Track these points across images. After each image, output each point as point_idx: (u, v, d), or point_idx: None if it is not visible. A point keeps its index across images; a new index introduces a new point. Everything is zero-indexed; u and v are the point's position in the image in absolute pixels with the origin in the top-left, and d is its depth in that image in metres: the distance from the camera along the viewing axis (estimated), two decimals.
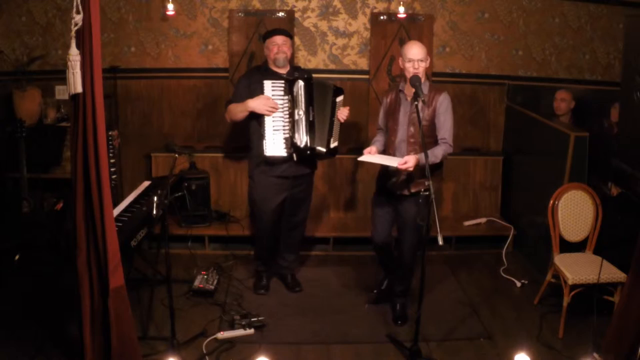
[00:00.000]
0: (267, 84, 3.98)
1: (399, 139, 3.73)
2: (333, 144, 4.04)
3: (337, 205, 5.37)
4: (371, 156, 3.74)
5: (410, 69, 3.62)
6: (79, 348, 3.14)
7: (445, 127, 3.68)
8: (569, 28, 5.43)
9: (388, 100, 3.86)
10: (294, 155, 4.00)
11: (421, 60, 3.61)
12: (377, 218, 3.94)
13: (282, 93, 3.98)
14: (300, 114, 3.96)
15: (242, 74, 4.37)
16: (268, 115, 3.95)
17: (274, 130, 3.99)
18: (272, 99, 3.95)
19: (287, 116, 3.99)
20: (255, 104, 3.95)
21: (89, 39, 2.81)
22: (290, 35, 4.19)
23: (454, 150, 5.38)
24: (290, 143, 3.98)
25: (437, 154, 3.63)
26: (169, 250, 3.44)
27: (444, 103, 3.68)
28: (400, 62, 3.70)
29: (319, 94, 3.97)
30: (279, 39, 4.04)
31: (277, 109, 3.95)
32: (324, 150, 3.98)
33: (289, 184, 4.11)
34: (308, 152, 3.98)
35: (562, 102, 5.05)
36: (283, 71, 4.09)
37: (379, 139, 3.93)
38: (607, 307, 3.73)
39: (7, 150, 4.68)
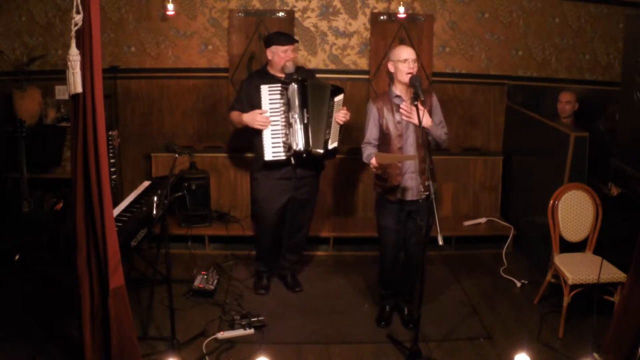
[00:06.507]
0: (264, 89, 3.98)
1: (410, 143, 3.63)
2: (332, 145, 4.02)
3: (337, 206, 5.36)
4: (384, 155, 3.62)
5: (405, 70, 3.55)
6: (79, 348, 3.14)
7: (443, 122, 3.77)
8: (569, 28, 5.43)
9: (377, 108, 3.68)
10: (292, 159, 4.00)
11: (414, 61, 3.57)
12: (391, 233, 3.80)
13: (278, 97, 3.98)
14: (295, 117, 3.96)
15: (244, 79, 4.36)
16: (261, 130, 3.97)
17: (272, 134, 3.99)
18: (265, 115, 3.95)
19: (284, 120, 3.99)
20: (248, 119, 4.00)
21: (89, 39, 2.80)
22: (297, 41, 4.19)
23: (453, 150, 5.46)
24: (288, 147, 3.99)
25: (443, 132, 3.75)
26: (169, 250, 3.44)
27: (437, 104, 3.73)
28: (391, 66, 3.62)
29: (315, 95, 3.96)
30: (290, 47, 4.02)
31: (268, 123, 3.95)
32: (320, 151, 3.97)
33: (292, 185, 4.10)
34: (304, 154, 3.98)
35: (567, 104, 5.01)
36: (282, 74, 4.08)
37: (375, 151, 3.69)
38: (607, 307, 3.73)
39: (7, 150, 4.68)
